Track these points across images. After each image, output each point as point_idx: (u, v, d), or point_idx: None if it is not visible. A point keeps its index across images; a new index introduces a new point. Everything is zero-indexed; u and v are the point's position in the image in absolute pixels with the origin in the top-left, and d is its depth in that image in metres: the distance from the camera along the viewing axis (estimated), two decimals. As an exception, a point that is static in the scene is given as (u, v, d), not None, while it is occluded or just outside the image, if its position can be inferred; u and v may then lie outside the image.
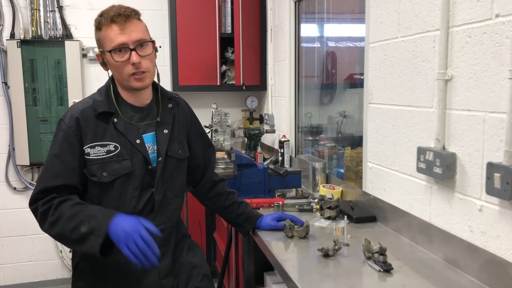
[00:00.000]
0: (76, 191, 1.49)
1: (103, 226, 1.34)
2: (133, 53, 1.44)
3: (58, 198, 1.43)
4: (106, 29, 1.45)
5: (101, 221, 1.36)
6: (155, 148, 1.57)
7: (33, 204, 1.45)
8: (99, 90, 1.58)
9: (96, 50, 1.54)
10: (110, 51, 1.45)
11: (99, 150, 1.48)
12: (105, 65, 1.53)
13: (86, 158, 1.48)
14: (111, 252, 1.38)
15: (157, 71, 1.60)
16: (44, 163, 1.50)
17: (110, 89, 1.55)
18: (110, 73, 1.56)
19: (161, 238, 1.55)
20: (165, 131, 1.59)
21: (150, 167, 1.54)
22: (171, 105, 1.64)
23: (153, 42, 1.53)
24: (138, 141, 1.53)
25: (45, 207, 1.42)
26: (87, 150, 1.47)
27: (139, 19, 1.50)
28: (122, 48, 1.44)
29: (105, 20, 1.45)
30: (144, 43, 1.48)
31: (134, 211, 1.51)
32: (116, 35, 1.44)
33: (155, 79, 1.61)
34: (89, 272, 1.54)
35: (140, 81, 1.49)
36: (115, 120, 1.51)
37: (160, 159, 1.56)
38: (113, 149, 1.49)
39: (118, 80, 1.53)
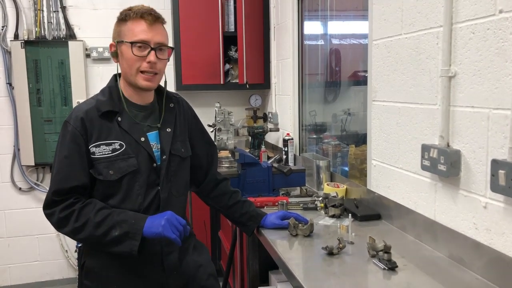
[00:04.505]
0: (87, 190, 1.51)
1: (138, 230, 1.45)
2: (152, 52, 1.50)
3: (78, 204, 1.46)
4: (133, 22, 1.50)
5: (135, 225, 1.46)
6: (159, 147, 1.58)
7: (50, 208, 1.47)
8: (102, 90, 1.60)
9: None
10: (131, 43, 1.48)
11: (104, 149, 1.49)
12: (115, 56, 1.56)
13: (92, 158, 1.49)
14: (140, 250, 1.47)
15: (165, 78, 1.66)
16: (55, 166, 1.50)
17: (113, 89, 1.56)
18: (115, 71, 1.58)
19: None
20: (168, 129, 1.62)
21: (154, 165, 1.55)
22: (172, 104, 1.68)
23: (172, 49, 1.59)
24: (142, 139, 1.54)
25: (66, 213, 1.45)
26: (92, 149, 1.49)
27: (164, 25, 1.57)
28: (143, 44, 1.49)
29: (134, 14, 1.49)
30: (164, 48, 1.54)
31: (140, 209, 1.53)
32: (142, 30, 1.49)
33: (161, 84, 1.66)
34: (96, 271, 1.56)
35: (149, 81, 1.53)
36: (119, 119, 1.53)
37: (164, 157, 1.58)
38: (118, 147, 1.50)
39: (125, 75, 1.55)
